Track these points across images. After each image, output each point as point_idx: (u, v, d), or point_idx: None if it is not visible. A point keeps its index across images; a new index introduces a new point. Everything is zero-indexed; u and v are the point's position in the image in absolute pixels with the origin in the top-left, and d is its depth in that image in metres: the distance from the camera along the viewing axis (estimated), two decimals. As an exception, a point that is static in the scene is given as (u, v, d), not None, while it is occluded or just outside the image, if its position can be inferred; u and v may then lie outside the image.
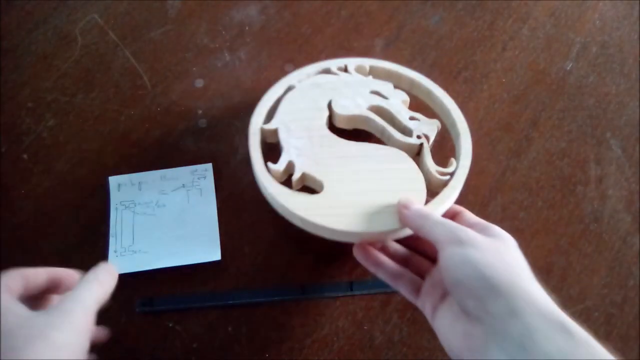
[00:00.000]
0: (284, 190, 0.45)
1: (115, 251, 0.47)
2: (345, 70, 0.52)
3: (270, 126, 0.49)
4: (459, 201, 0.49)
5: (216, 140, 0.53)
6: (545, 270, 0.47)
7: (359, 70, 0.52)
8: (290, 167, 0.47)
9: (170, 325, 0.45)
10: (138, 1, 0.61)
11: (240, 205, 0.50)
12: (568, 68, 0.56)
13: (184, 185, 0.50)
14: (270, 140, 0.50)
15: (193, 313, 0.45)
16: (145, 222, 0.48)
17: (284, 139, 0.48)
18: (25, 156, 0.52)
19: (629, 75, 0.56)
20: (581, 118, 0.54)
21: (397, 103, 0.50)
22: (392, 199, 0.44)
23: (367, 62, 0.53)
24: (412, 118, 0.49)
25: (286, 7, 0.60)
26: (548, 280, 0.46)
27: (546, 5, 0.60)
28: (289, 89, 0.51)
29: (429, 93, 0.51)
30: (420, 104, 0.53)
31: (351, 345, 0.44)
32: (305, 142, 0.48)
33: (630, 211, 0.49)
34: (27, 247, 0.48)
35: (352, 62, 0.52)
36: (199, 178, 0.50)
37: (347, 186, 0.46)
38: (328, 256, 0.47)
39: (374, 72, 0.53)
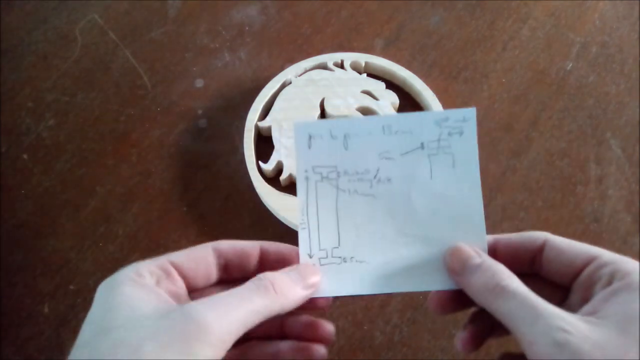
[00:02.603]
0: (272, 190, 0.47)
1: (310, 254, 0.29)
2: (341, 65, 0.53)
3: (265, 123, 0.50)
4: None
5: (216, 140, 0.53)
6: (545, 270, 0.47)
7: (354, 66, 0.53)
8: (279, 166, 0.49)
9: (170, 325, 0.45)
10: (138, 1, 0.61)
11: (240, 205, 0.50)
12: (568, 68, 0.56)
13: (423, 146, 0.30)
14: (267, 134, 0.51)
15: (193, 313, 0.45)
16: (358, 206, 0.30)
17: (276, 137, 0.49)
18: (25, 156, 0.52)
19: (629, 75, 0.56)
20: (581, 118, 0.54)
21: (386, 105, 0.51)
22: None
23: (363, 58, 0.53)
24: None
25: (286, 7, 0.60)
26: (548, 280, 0.46)
27: (546, 5, 0.60)
28: (285, 84, 0.52)
29: (419, 94, 0.52)
30: (414, 102, 0.53)
31: (351, 345, 0.44)
32: None
33: (630, 211, 0.49)
34: (27, 247, 0.48)
35: (348, 57, 0.53)
36: (450, 134, 0.29)
37: None
38: (328, 256, 0.47)
39: (369, 69, 0.54)
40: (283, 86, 0.53)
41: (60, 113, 0.54)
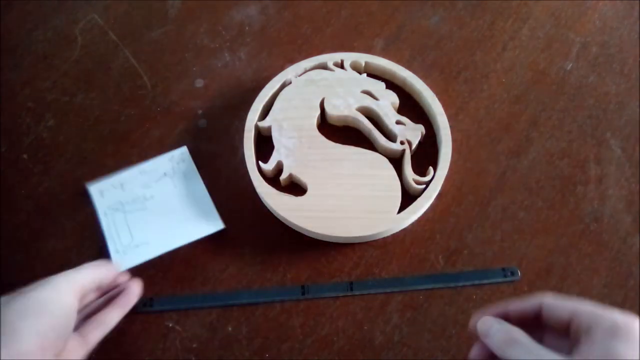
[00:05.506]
0: (272, 190, 0.47)
1: (117, 251, 0.47)
2: (341, 65, 0.53)
3: (265, 124, 0.50)
4: (458, 201, 0.49)
5: (216, 140, 0.53)
6: (545, 270, 0.47)
7: (355, 66, 0.53)
8: (279, 166, 0.49)
9: (170, 325, 0.45)
10: (138, 1, 0.61)
11: (240, 205, 0.50)
12: (568, 68, 0.56)
13: (165, 174, 0.50)
14: (267, 134, 0.51)
15: (193, 313, 0.45)
16: (139, 217, 0.48)
17: (276, 137, 0.50)
18: (25, 156, 0.52)
19: (629, 75, 0.56)
20: (581, 118, 0.54)
21: (386, 105, 0.51)
22: (369, 204, 0.46)
23: (363, 58, 0.53)
24: (398, 122, 0.50)
25: (286, 7, 0.60)
26: (548, 280, 0.46)
27: (546, 5, 0.60)
28: (285, 84, 0.52)
29: (420, 94, 0.52)
30: (414, 102, 0.53)
31: (351, 345, 0.44)
32: (295, 143, 0.49)
33: (630, 211, 0.49)
34: (27, 247, 0.48)
35: (348, 57, 0.53)
36: (178, 163, 0.51)
37: (329, 189, 0.47)
38: (328, 256, 0.47)
39: (369, 69, 0.54)
40: (283, 86, 0.52)
41: (60, 113, 0.54)
